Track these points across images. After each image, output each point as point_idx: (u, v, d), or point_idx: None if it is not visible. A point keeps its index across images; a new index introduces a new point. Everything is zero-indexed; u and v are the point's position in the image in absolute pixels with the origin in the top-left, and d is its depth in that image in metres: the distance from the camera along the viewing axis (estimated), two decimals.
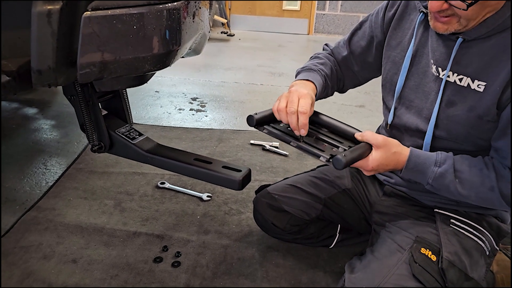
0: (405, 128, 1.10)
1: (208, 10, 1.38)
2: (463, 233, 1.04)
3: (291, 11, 6.05)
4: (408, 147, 1.00)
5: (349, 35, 1.26)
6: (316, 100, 1.12)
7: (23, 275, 1.24)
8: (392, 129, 1.15)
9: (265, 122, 1.07)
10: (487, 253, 1.05)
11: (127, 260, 1.32)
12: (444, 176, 0.96)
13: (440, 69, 1.01)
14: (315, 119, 1.10)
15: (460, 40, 0.95)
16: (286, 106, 1.00)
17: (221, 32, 5.71)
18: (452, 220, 1.06)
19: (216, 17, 5.50)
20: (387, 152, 0.96)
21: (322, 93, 1.18)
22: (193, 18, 1.14)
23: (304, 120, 0.98)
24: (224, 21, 5.67)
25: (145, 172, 1.86)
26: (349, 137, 1.04)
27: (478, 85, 0.94)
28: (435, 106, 1.00)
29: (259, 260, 1.35)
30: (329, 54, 1.29)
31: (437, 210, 1.09)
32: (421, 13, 1.04)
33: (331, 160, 0.94)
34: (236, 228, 1.52)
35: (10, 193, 1.67)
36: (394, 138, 1.14)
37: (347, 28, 6.08)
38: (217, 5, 5.54)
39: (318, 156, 0.96)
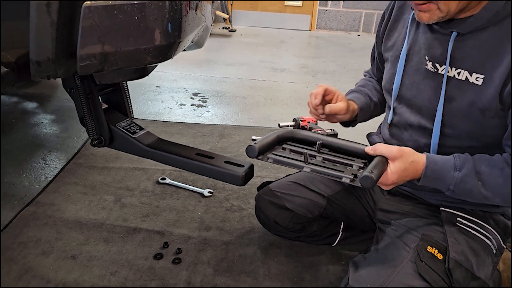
0: (406, 126, 1.08)
1: (211, 3, 1.36)
2: (470, 231, 1.02)
3: (293, 7, 6.02)
4: (416, 149, 0.96)
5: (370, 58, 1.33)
6: (367, 118, 1.26)
7: (21, 271, 1.22)
8: (392, 127, 1.14)
9: (266, 150, 1.00)
10: (494, 251, 1.03)
11: (127, 257, 1.30)
12: (465, 181, 0.92)
13: (437, 64, 0.99)
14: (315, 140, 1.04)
15: (454, 34, 0.94)
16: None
17: (223, 28, 5.68)
18: (458, 219, 1.04)
19: (218, 13, 5.47)
20: (405, 163, 0.91)
21: (368, 110, 1.25)
22: (196, 10, 1.11)
23: (314, 99, 1.13)
24: (226, 16, 5.64)
25: (146, 168, 1.84)
26: (357, 154, 0.98)
27: (477, 78, 0.92)
28: (440, 102, 0.98)
29: (261, 258, 1.33)
30: (369, 76, 1.36)
31: (443, 208, 1.07)
32: (413, 11, 1.03)
33: (355, 179, 0.88)
34: (237, 224, 1.50)
35: (9, 188, 1.65)
36: (393, 137, 1.12)
37: (349, 25, 6.04)
38: (219, 0, 5.52)
39: (339, 178, 0.89)
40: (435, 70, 0.99)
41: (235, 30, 5.63)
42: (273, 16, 6.07)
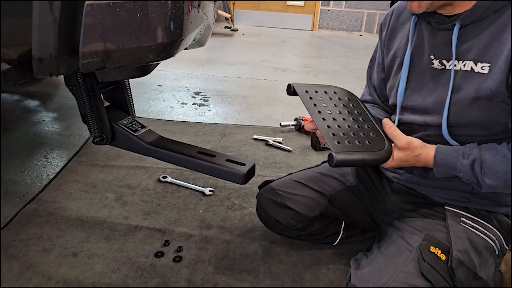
0: (413, 124, 1.08)
1: (213, 3, 1.36)
2: (474, 231, 1.02)
3: (295, 7, 6.02)
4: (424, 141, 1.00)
5: (366, 79, 1.31)
6: None
7: (23, 268, 1.22)
8: (401, 126, 1.12)
9: None
10: (497, 252, 1.02)
11: (128, 254, 1.30)
12: (472, 167, 0.94)
13: (444, 61, 0.99)
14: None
15: (457, 26, 0.95)
16: None
17: (225, 27, 5.68)
18: (462, 218, 1.04)
19: (220, 12, 5.48)
20: (408, 156, 0.98)
21: None
22: (198, 9, 1.11)
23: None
24: (228, 16, 5.64)
25: (147, 166, 1.84)
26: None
27: (482, 67, 0.93)
28: (447, 96, 0.98)
29: (262, 256, 1.33)
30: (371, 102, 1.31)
31: (447, 207, 1.07)
32: (414, 16, 1.05)
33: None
34: (238, 223, 1.50)
35: (11, 185, 1.65)
36: (404, 133, 1.11)
37: (351, 25, 6.04)
38: (221, 0, 5.52)
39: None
40: (443, 67, 1.00)
41: (237, 30, 5.64)
42: (275, 16, 6.07)
